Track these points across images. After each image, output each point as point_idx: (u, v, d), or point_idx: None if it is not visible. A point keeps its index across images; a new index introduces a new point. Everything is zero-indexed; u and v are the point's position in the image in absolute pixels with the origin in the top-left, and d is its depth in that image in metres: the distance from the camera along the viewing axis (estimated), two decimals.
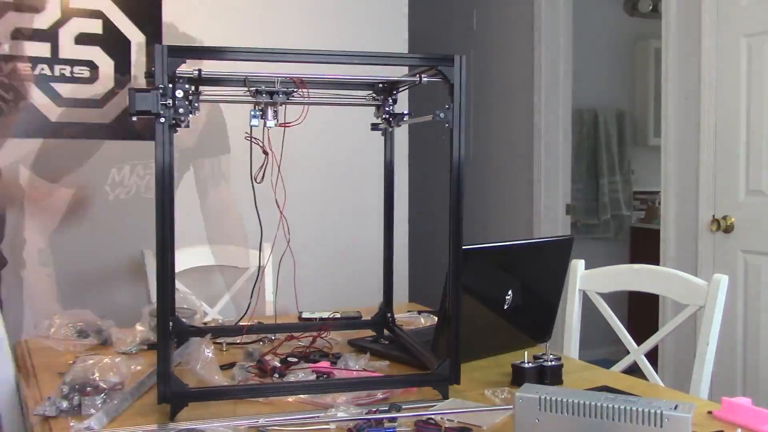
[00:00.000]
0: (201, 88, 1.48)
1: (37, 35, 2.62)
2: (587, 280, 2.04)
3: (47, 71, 2.64)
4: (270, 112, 1.43)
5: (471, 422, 1.21)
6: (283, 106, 1.45)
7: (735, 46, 2.74)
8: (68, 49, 2.66)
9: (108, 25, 2.72)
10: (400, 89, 1.67)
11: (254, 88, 1.43)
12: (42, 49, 2.63)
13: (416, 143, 3.49)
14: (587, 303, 2.04)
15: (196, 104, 1.36)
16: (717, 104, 2.82)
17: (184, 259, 2.69)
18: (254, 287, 1.77)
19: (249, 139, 1.43)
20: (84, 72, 2.70)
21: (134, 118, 1.19)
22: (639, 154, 4.89)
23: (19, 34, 2.60)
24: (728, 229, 2.79)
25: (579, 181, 4.64)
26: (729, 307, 2.10)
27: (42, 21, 2.63)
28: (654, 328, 2.35)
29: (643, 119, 4.87)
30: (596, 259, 2.80)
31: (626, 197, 4.79)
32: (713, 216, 2.84)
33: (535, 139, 3.94)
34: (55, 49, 2.64)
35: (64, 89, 2.68)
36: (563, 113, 3.95)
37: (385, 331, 1.81)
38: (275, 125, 1.43)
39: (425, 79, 1.47)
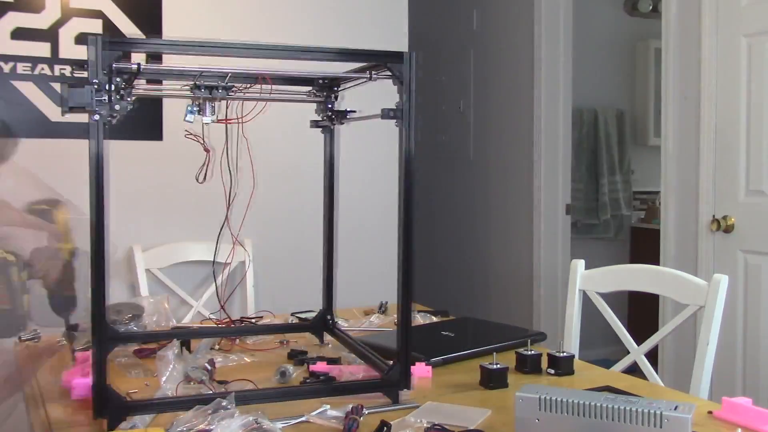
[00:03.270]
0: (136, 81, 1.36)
1: (37, 35, 2.62)
2: (587, 280, 2.04)
3: (47, 71, 2.64)
4: (208, 108, 1.34)
5: (452, 423, 1.18)
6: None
7: (735, 46, 2.74)
8: (68, 49, 2.66)
9: (108, 25, 2.72)
10: (346, 86, 1.54)
11: (192, 83, 1.33)
12: (42, 49, 2.63)
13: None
14: (587, 303, 2.04)
15: (129, 99, 1.25)
16: (717, 104, 2.82)
17: (170, 254, 2.75)
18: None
19: (189, 136, 1.37)
20: (84, 72, 2.70)
21: (66, 115, 1.11)
22: (639, 154, 4.89)
23: (19, 34, 2.60)
24: (728, 229, 2.79)
25: (579, 181, 4.64)
26: (729, 307, 2.09)
27: (42, 21, 2.63)
28: (654, 328, 2.35)
29: (643, 119, 4.87)
30: (596, 259, 2.80)
31: (626, 197, 4.79)
32: (713, 216, 2.84)
33: (535, 139, 3.94)
34: (55, 49, 2.64)
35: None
36: (563, 113, 3.95)
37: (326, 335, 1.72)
38: (213, 121, 1.36)
39: (375, 76, 1.36)
